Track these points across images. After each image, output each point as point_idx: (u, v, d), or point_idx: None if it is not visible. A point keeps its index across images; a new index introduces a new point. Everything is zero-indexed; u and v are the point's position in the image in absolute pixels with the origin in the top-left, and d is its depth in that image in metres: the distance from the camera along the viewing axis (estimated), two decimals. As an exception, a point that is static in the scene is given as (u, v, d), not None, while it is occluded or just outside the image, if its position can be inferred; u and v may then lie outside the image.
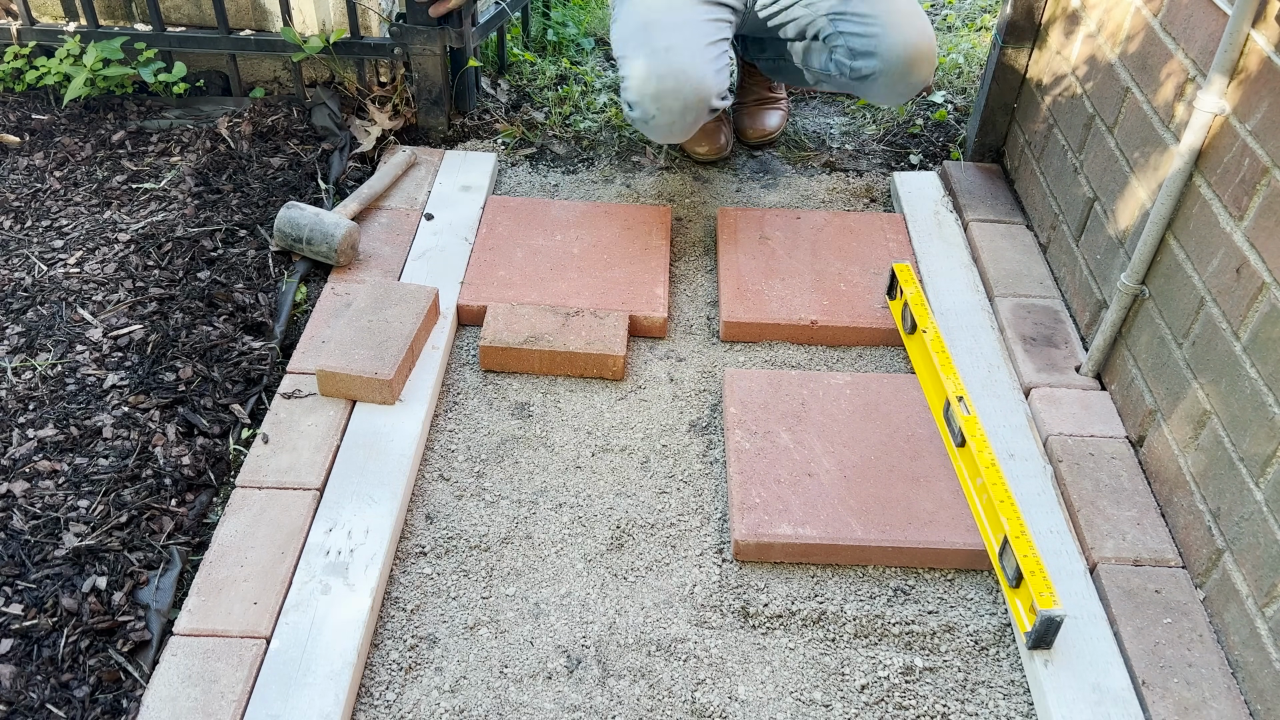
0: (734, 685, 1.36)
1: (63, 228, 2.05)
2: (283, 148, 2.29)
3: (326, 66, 2.45)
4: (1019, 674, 1.38)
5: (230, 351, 1.76)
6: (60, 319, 1.81)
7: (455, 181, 2.20)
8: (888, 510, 1.53)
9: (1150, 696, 1.30)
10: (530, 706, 1.33)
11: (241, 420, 1.66)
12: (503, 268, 1.96)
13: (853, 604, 1.46)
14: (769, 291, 1.94)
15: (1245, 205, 1.36)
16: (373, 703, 1.33)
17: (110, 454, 1.57)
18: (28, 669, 1.30)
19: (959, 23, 3.09)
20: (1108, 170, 1.76)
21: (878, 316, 1.88)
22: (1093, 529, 1.50)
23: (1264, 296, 1.31)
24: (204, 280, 1.90)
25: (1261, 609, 1.28)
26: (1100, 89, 1.81)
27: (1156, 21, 1.63)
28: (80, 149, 2.27)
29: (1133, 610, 1.40)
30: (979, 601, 1.47)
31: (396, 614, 1.43)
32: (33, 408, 1.64)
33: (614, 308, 1.87)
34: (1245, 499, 1.33)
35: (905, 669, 1.38)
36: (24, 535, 1.44)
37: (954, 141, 2.46)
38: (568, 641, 1.41)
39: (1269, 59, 1.33)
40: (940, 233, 2.11)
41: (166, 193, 2.14)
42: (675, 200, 2.26)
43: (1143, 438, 1.60)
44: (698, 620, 1.44)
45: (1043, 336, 1.83)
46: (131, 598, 1.39)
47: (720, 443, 1.69)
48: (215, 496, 1.56)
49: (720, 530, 1.56)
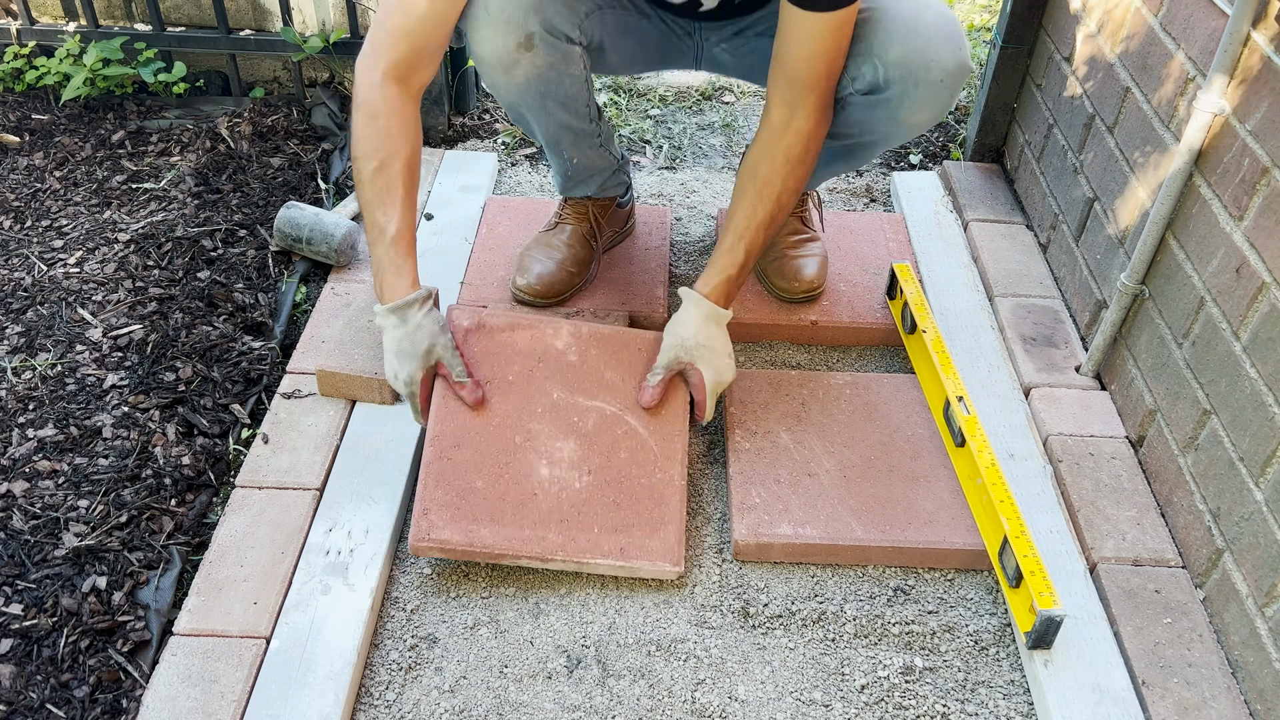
0: (734, 685, 1.36)
1: (63, 228, 2.05)
2: (283, 148, 2.30)
3: (326, 66, 2.45)
4: (1019, 674, 1.38)
5: (230, 351, 1.76)
6: (60, 319, 1.81)
7: (455, 181, 2.20)
8: (888, 510, 1.53)
9: (1150, 696, 1.30)
10: (530, 706, 1.33)
11: (241, 420, 1.66)
12: (503, 268, 1.96)
13: (853, 604, 1.46)
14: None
15: (1245, 205, 1.36)
16: (373, 703, 1.33)
17: (110, 454, 1.57)
18: (28, 669, 1.30)
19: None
20: (1108, 170, 1.76)
21: (878, 316, 1.88)
22: (1092, 529, 1.50)
23: (1264, 296, 1.31)
24: (204, 280, 1.90)
25: (1261, 609, 1.28)
26: (1100, 89, 1.81)
27: (1156, 21, 1.63)
28: (80, 149, 2.27)
29: (1133, 610, 1.40)
30: (979, 601, 1.47)
31: (396, 614, 1.43)
32: (33, 408, 1.64)
33: (614, 308, 1.87)
34: (1245, 499, 1.33)
35: (905, 669, 1.38)
36: (24, 535, 1.44)
37: (954, 141, 2.46)
38: (568, 641, 1.41)
39: (1269, 59, 1.33)
40: (940, 233, 2.11)
41: (166, 193, 2.14)
42: (675, 200, 2.26)
43: (1142, 438, 1.60)
44: (698, 620, 1.44)
45: (1043, 336, 1.83)
46: (131, 598, 1.39)
47: (720, 443, 1.69)
48: (215, 496, 1.56)
49: (720, 530, 1.56)
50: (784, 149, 1.52)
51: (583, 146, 1.78)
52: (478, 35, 1.53)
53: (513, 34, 1.52)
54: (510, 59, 1.55)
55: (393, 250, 1.47)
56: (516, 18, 1.51)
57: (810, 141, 1.54)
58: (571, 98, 1.66)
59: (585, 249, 1.90)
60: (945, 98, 1.53)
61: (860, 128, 1.63)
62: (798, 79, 1.49)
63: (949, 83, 1.51)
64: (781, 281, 1.88)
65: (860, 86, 1.53)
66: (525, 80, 1.59)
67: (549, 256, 1.87)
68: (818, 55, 1.46)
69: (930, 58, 1.48)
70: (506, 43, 1.53)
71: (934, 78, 1.50)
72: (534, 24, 1.51)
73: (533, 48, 1.54)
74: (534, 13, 1.51)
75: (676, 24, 1.72)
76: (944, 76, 1.50)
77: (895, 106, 1.54)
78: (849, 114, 1.59)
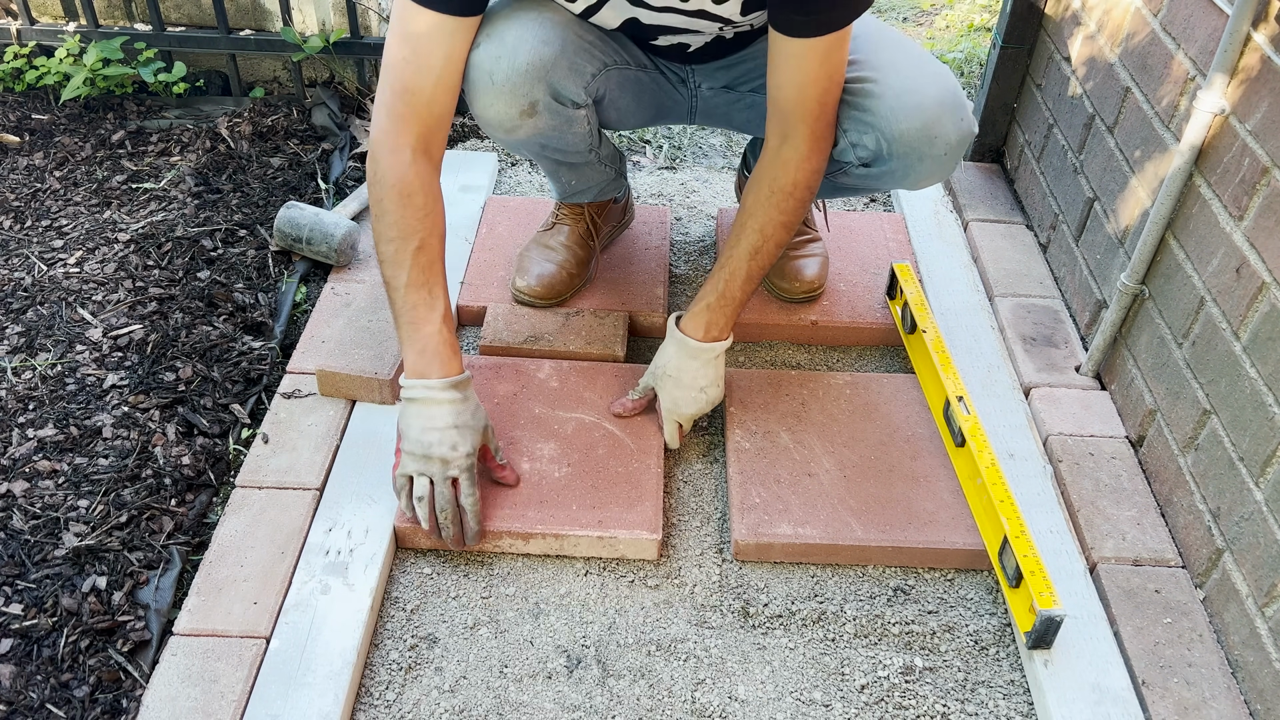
0: (734, 685, 1.36)
1: (63, 228, 2.05)
2: (283, 148, 2.30)
3: (326, 66, 2.45)
4: (1019, 674, 1.38)
5: (230, 351, 1.76)
6: (60, 319, 1.81)
7: (455, 181, 2.20)
8: (888, 510, 1.53)
9: (1150, 696, 1.30)
10: (530, 706, 1.33)
11: (241, 420, 1.66)
12: (503, 268, 1.96)
13: (853, 604, 1.46)
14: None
15: (1245, 205, 1.36)
16: (372, 702, 1.33)
17: (110, 454, 1.57)
18: (28, 669, 1.30)
19: (959, 22, 3.09)
20: (1108, 170, 1.76)
21: (878, 316, 1.88)
22: (1092, 529, 1.50)
23: (1264, 296, 1.31)
24: (204, 280, 1.90)
25: (1261, 609, 1.28)
26: (1100, 89, 1.81)
27: (1156, 21, 1.63)
28: (80, 149, 2.27)
29: (1133, 610, 1.40)
30: (979, 601, 1.47)
31: (396, 614, 1.43)
32: (33, 408, 1.64)
33: (614, 308, 1.87)
34: (1245, 499, 1.33)
35: (905, 669, 1.38)
36: (24, 535, 1.44)
37: (954, 141, 2.46)
38: (568, 641, 1.41)
39: (1269, 58, 1.33)
40: (940, 233, 2.11)
41: (166, 193, 2.14)
42: (675, 200, 2.26)
43: (1142, 437, 1.60)
44: (698, 620, 1.44)
45: (1043, 336, 1.83)
46: (131, 598, 1.39)
47: (720, 443, 1.69)
48: (215, 496, 1.56)
49: (720, 530, 1.56)
50: (770, 179, 1.49)
51: (581, 170, 1.78)
52: (481, 101, 1.49)
53: (517, 103, 1.48)
54: (513, 124, 1.52)
55: (444, 329, 1.44)
56: (522, 88, 1.46)
57: (800, 172, 1.48)
58: (573, 147, 1.66)
59: (584, 249, 1.90)
60: (950, 166, 1.52)
61: (860, 188, 1.67)
62: (787, 108, 1.45)
63: (953, 154, 1.50)
64: (782, 281, 1.88)
65: (863, 156, 1.52)
66: (527, 138, 1.57)
67: (548, 258, 1.87)
68: (807, 83, 1.42)
69: (935, 134, 1.46)
70: (510, 110, 1.49)
71: (938, 152, 1.48)
72: (539, 93, 1.48)
73: (536, 114, 1.51)
74: (540, 82, 1.46)
75: (670, 70, 1.70)
76: (948, 150, 1.49)
77: (900, 178, 1.54)
78: (849, 179, 1.60)
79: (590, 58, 1.53)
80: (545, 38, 1.45)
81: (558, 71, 1.47)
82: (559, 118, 1.54)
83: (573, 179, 1.81)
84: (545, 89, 1.48)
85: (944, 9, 3.20)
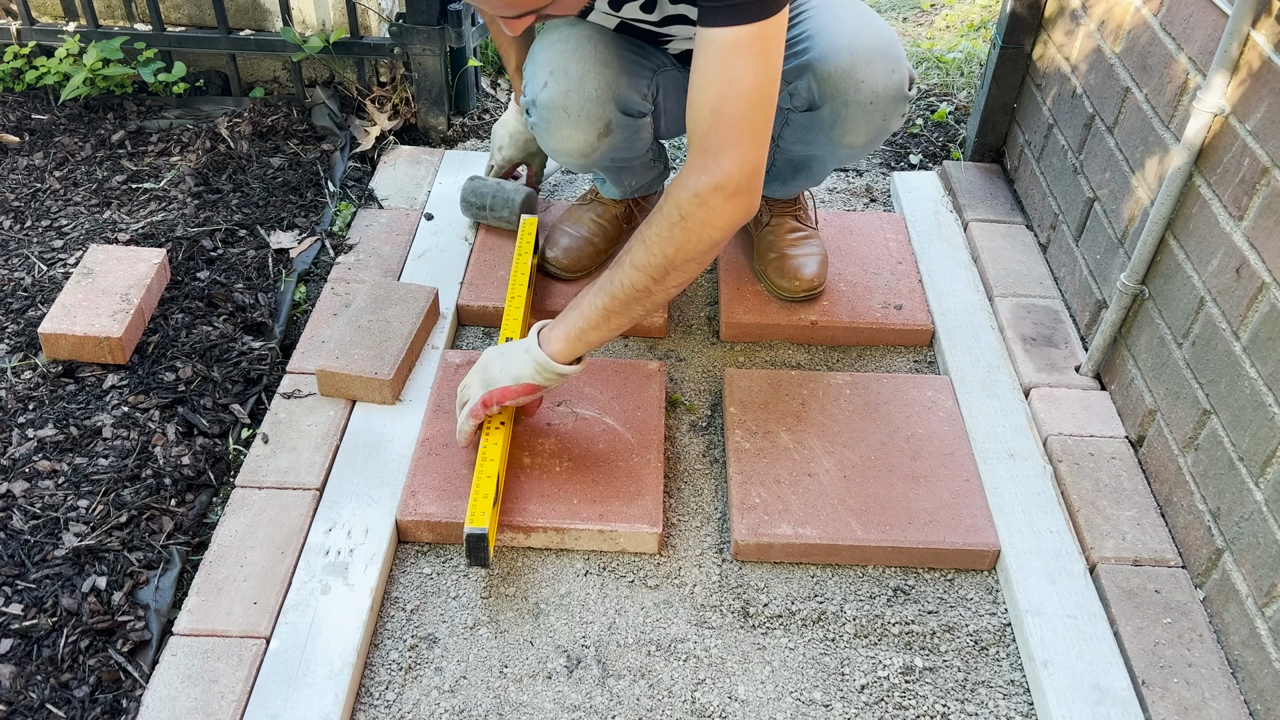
0: (734, 685, 1.36)
1: (63, 228, 2.05)
2: (282, 148, 2.30)
3: (326, 66, 2.45)
4: (1019, 674, 1.38)
5: (230, 351, 1.76)
6: (60, 319, 1.81)
7: (456, 182, 2.20)
8: (888, 510, 1.53)
9: (1150, 696, 1.30)
10: (530, 706, 1.33)
11: (241, 420, 1.66)
12: (502, 268, 1.96)
13: (853, 604, 1.46)
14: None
15: (1245, 205, 1.36)
16: (372, 703, 1.33)
17: (110, 454, 1.57)
18: (27, 669, 1.30)
19: (959, 22, 3.09)
20: (1108, 170, 1.76)
21: (878, 316, 1.88)
22: (1092, 529, 1.50)
23: (1264, 296, 1.31)
24: (204, 280, 1.90)
25: (1261, 609, 1.28)
26: (1100, 89, 1.81)
27: (1156, 21, 1.63)
28: (80, 149, 2.27)
29: (1133, 610, 1.40)
30: (979, 601, 1.47)
31: (396, 614, 1.43)
32: (33, 408, 1.64)
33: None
34: (1245, 499, 1.33)
35: (905, 669, 1.38)
36: (24, 535, 1.44)
37: (954, 141, 2.46)
38: (567, 641, 1.41)
39: (1269, 59, 1.33)
40: (940, 233, 2.11)
41: (166, 193, 2.14)
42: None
43: (1142, 438, 1.60)
44: (698, 620, 1.44)
45: (1042, 336, 1.83)
46: (131, 598, 1.39)
47: (720, 443, 1.69)
48: (215, 496, 1.56)
49: (720, 530, 1.56)
50: (664, 210, 1.27)
51: (639, 171, 1.84)
52: (559, 135, 1.53)
53: (594, 128, 1.52)
54: (591, 148, 1.56)
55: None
56: (596, 112, 1.51)
57: (699, 209, 1.21)
58: (636, 152, 1.71)
59: (616, 228, 1.94)
60: (878, 121, 1.48)
61: (804, 146, 1.64)
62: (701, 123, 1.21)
63: (879, 105, 1.47)
64: (781, 280, 1.87)
65: (798, 103, 1.52)
66: (601, 156, 1.62)
67: (577, 231, 1.92)
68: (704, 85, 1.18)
69: (861, 78, 1.45)
70: (589, 136, 1.53)
71: (863, 99, 1.47)
72: (611, 111, 1.51)
73: (610, 132, 1.55)
74: (610, 101, 1.50)
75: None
76: (874, 99, 1.46)
77: (829, 127, 1.52)
78: (792, 130, 1.60)
79: (640, 67, 1.58)
80: (603, 59, 1.51)
81: (621, 87, 1.53)
82: (628, 130, 1.59)
83: (633, 180, 1.87)
84: (615, 107, 1.52)
85: (944, 9, 3.20)
